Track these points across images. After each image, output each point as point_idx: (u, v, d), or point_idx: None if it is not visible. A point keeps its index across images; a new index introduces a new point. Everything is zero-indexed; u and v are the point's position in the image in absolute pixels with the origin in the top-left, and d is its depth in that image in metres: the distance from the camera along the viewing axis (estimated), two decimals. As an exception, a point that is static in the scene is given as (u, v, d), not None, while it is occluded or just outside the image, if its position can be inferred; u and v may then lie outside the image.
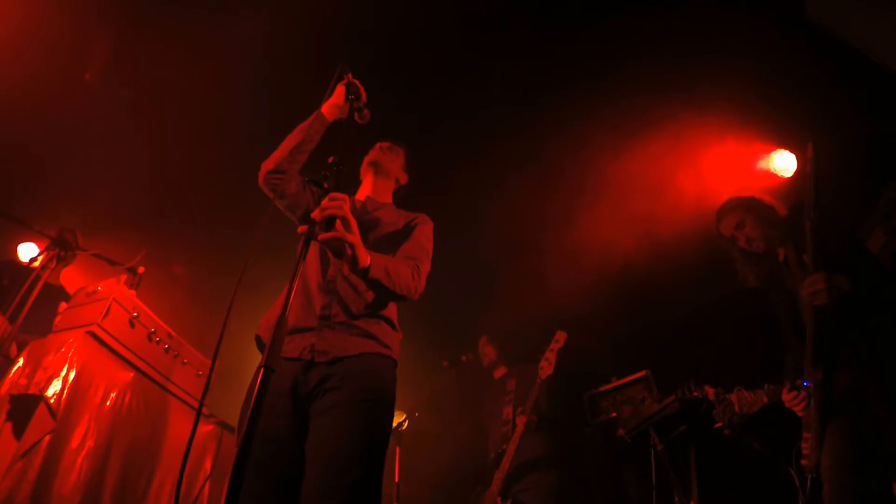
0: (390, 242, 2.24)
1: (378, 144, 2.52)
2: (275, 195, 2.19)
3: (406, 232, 2.31)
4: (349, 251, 1.79)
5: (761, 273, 2.76)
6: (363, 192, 2.49)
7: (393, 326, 2.15)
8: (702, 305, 4.62)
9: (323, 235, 1.71)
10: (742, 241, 2.75)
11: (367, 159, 2.51)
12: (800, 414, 2.44)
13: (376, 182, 2.50)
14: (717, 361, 4.09)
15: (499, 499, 3.83)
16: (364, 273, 1.85)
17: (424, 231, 2.34)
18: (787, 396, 2.50)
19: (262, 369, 1.35)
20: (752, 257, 2.77)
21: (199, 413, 1.52)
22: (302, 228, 1.67)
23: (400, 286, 1.99)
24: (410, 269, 2.08)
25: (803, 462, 2.35)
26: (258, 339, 2.09)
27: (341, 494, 1.68)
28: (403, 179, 2.61)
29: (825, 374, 2.29)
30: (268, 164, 2.21)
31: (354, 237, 1.77)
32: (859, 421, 2.22)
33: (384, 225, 2.30)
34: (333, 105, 2.28)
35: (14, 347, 3.19)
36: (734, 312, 3.94)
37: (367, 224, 2.25)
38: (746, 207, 2.76)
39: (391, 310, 2.17)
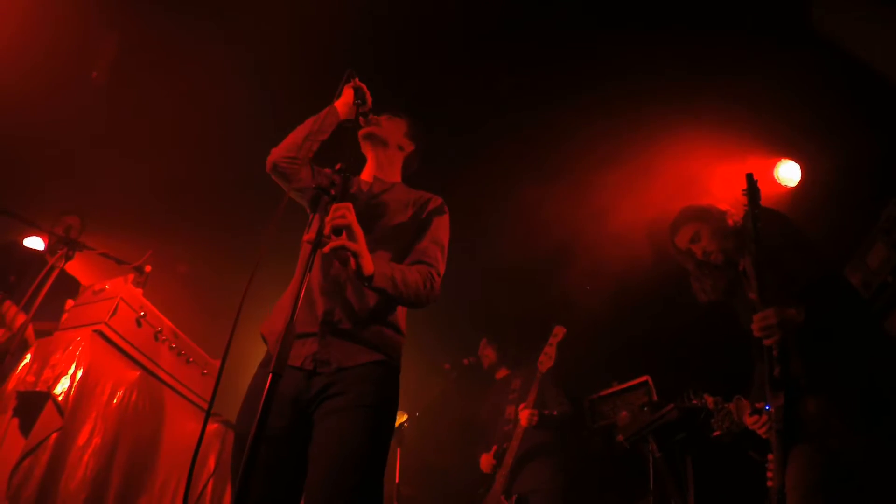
0: (402, 229, 2.18)
1: (371, 118, 2.36)
2: (284, 180, 2.19)
3: (419, 219, 2.21)
4: (353, 261, 1.79)
5: (719, 285, 2.67)
6: (369, 172, 2.39)
7: (398, 331, 2.09)
8: (705, 313, 4.63)
9: (328, 246, 1.73)
10: (699, 255, 2.66)
11: (360, 133, 2.37)
12: (763, 437, 2.39)
13: (379, 156, 2.40)
14: (718, 369, 4.10)
15: (503, 497, 3.85)
16: (368, 282, 1.84)
17: (441, 222, 2.24)
18: (748, 420, 2.44)
19: (269, 375, 1.37)
20: (710, 269, 2.68)
21: (207, 415, 1.55)
22: (308, 237, 1.69)
23: (408, 296, 1.94)
24: (423, 278, 2.00)
25: (768, 483, 2.30)
26: (263, 336, 2.10)
27: (340, 499, 1.70)
28: (409, 147, 2.47)
29: (786, 399, 2.21)
30: (279, 150, 2.21)
31: (358, 247, 1.76)
32: (823, 448, 2.16)
33: (394, 210, 2.22)
34: (344, 104, 2.30)
35: (32, 333, 3.23)
36: (737, 321, 3.95)
37: (377, 209, 2.21)
38: (701, 218, 2.67)
39: (398, 313, 2.10)
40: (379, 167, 2.40)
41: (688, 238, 2.68)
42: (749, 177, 2.35)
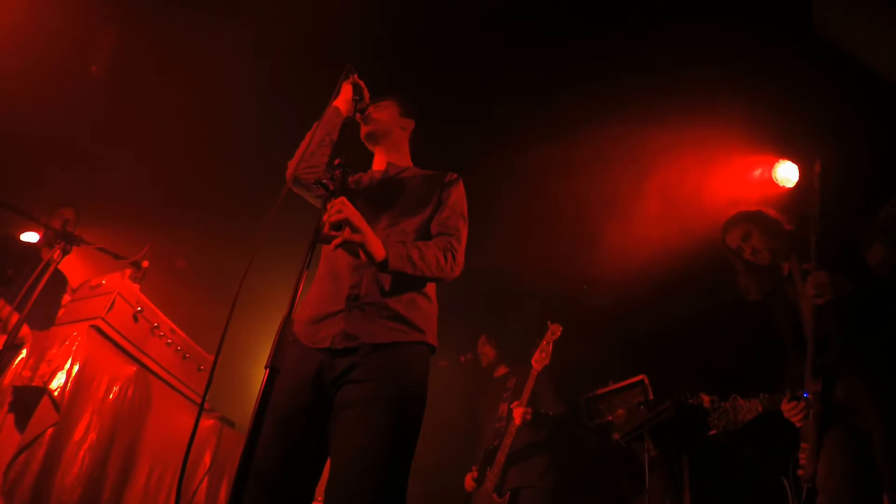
0: (422, 205, 2.18)
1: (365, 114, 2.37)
2: (307, 189, 2.20)
3: (437, 193, 2.21)
4: (361, 252, 1.79)
5: (764, 286, 2.80)
6: (381, 161, 2.39)
7: (429, 299, 2.07)
8: (701, 313, 4.65)
9: (333, 243, 1.73)
10: (748, 253, 2.79)
11: (362, 134, 2.37)
12: (798, 424, 2.47)
13: (386, 145, 2.39)
14: (714, 369, 4.11)
15: (494, 495, 3.84)
16: (383, 267, 1.83)
17: (458, 194, 2.24)
18: (786, 406, 2.53)
19: (267, 370, 1.37)
20: (757, 269, 2.81)
21: (200, 409, 1.54)
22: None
23: (430, 271, 1.94)
24: (442, 250, 2.00)
25: (800, 472, 2.39)
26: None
27: (363, 499, 1.66)
28: (410, 125, 2.47)
29: (824, 385, 2.34)
30: (296, 161, 2.20)
31: (362, 237, 1.76)
32: (854, 433, 2.28)
33: (412, 187, 2.24)
34: (343, 101, 2.31)
35: (26, 330, 3.20)
36: (733, 321, 3.96)
37: (395, 189, 2.23)
38: (753, 220, 2.81)
39: (429, 283, 2.09)
40: (389, 154, 2.41)
41: (739, 236, 2.82)
42: (819, 161, 2.57)
